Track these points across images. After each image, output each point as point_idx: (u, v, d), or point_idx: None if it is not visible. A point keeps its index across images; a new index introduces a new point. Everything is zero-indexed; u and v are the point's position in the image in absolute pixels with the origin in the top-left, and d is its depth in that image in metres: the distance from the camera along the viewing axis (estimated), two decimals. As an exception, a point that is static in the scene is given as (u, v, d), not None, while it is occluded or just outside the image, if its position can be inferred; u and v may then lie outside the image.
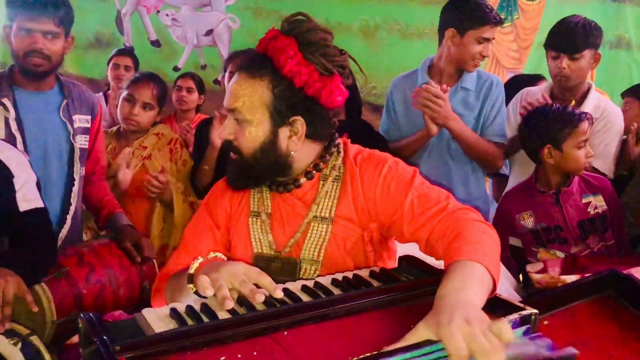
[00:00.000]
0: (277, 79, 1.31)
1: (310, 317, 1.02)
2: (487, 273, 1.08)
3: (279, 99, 1.31)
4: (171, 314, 1.06)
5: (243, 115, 1.32)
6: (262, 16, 4.75)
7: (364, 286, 1.18)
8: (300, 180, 1.39)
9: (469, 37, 2.31)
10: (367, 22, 4.65)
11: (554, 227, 2.20)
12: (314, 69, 1.31)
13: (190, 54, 4.96)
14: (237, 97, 1.33)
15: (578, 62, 2.40)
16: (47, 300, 1.72)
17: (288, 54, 1.29)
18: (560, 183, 2.23)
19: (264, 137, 1.33)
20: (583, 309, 1.29)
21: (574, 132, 2.15)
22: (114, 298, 1.91)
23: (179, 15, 4.88)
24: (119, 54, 3.89)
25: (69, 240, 2.14)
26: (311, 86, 1.31)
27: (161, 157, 2.60)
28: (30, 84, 2.06)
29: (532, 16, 4.81)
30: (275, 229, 1.41)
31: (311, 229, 1.37)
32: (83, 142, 2.18)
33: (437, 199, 1.31)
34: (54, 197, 2.11)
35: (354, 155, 1.42)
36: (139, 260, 2.03)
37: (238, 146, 1.36)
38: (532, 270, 1.83)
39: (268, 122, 1.33)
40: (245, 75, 1.34)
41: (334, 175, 1.40)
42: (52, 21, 1.96)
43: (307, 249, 1.37)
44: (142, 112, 2.51)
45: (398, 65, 4.42)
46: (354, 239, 1.37)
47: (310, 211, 1.38)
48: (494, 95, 2.40)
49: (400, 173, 1.36)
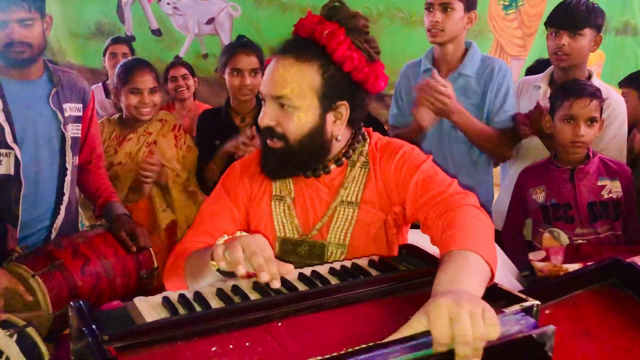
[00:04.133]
0: (327, 64, 1.31)
1: (305, 307, 1.01)
2: (482, 261, 1.06)
3: (329, 83, 1.31)
4: (163, 302, 1.05)
5: (292, 101, 1.30)
6: (264, 4, 4.73)
7: (362, 275, 1.16)
8: (330, 166, 1.41)
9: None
10: (370, 9, 4.61)
11: (563, 204, 2.17)
12: (362, 54, 1.32)
13: (191, 42, 4.93)
14: (284, 83, 1.30)
15: (578, 41, 2.33)
16: (42, 293, 1.71)
17: (339, 39, 1.29)
18: (578, 161, 2.18)
19: (313, 123, 1.32)
20: (586, 297, 1.28)
21: (563, 105, 2.13)
22: (110, 289, 1.90)
23: (180, 4, 4.87)
24: (114, 42, 3.83)
25: (64, 231, 2.11)
26: (360, 71, 1.32)
27: (166, 143, 2.59)
28: (17, 73, 2.02)
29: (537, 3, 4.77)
30: (298, 213, 1.42)
31: (337, 213, 1.39)
32: (75, 131, 2.15)
33: (440, 182, 1.32)
34: (46, 187, 2.08)
35: (375, 142, 1.44)
36: (135, 250, 2.01)
37: (283, 132, 1.33)
38: (535, 259, 1.81)
39: (317, 108, 1.32)
40: (292, 60, 1.31)
41: (362, 161, 1.41)
42: (22, 8, 1.91)
43: (333, 232, 1.39)
44: (151, 97, 2.52)
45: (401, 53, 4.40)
46: (377, 224, 1.39)
47: (338, 195, 1.40)
48: (496, 80, 2.35)
49: (413, 157, 1.38)
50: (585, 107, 2.11)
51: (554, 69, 2.49)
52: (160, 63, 4.41)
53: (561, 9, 2.40)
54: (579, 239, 2.11)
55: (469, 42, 2.45)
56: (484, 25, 4.78)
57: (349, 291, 1.06)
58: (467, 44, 2.44)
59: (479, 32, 4.66)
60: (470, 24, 2.39)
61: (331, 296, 1.04)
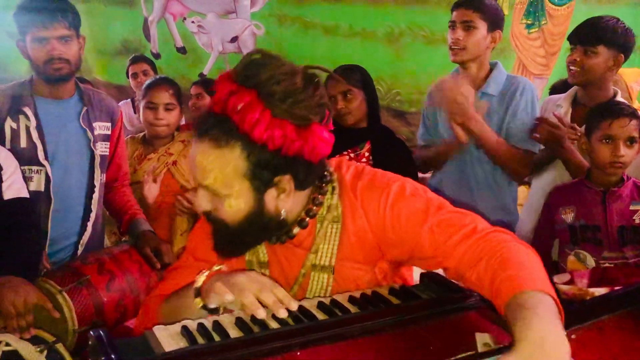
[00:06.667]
0: (249, 144, 1.10)
1: (325, 336, 0.98)
2: (553, 303, 0.97)
3: (257, 166, 1.12)
4: (182, 331, 1.04)
5: (218, 190, 1.14)
6: (287, 23, 4.78)
7: (382, 304, 1.14)
8: (293, 230, 1.25)
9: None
10: (392, 28, 4.62)
11: (592, 226, 2.11)
12: (289, 123, 1.10)
13: (215, 60, 5.00)
14: (205, 172, 1.13)
15: (591, 58, 2.29)
16: (68, 309, 1.73)
17: (254, 116, 1.07)
18: (612, 183, 2.13)
19: (249, 207, 1.16)
20: (612, 323, 1.25)
21: (601, 125, 2.09)
22: (134, 305, 1.90)
23: (204, 22, 4.93)
24: (133, 62, 3.90)
25: (90, 247, 2.15)
26: (290, 147, 1.11)
27: (186, 164, 2.61)
28: (51, 92, 2.08)
29: (560, 22, 4.74)
30: (275, 277, 1.26)
31: (311, 279, 1.25)
32: (103, 149, 2.20)
33: (460, 223, 1.17)
34: (74, 204, 2.13)
35: (352, 184, 1.27)
36: (159, 266, 2.03)
37: (220, 218, 1.18)
38: (559, 281, 1.78)
39: (250, 191, 1.15)
40: (209, 145, 1.12)
41: (332, 216, 1.25)
42: (63, 25, 1.98)
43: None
44: (166, 114, 2.55)
45: (423, 71, 4.41)
46: (367, 278, 1.26)
47: (307, 260, 1.25)
48: (519, 100, 2.34)
49: (409, 199, 1.22)
50: (624, 127, 2.06)
51: (577, 88, 2.47)
52: (184, 80, 4.50)
53: (581, 25, 2.39)
54: (606, 262, 2.06)
55: (494, 62, 2.45)
56: (507, 43, 4.76)
57: (371, 320, 1.03)
58: (492, 64, 2.44)
59: (501, 51, 4.64)
60: (495, 43, 2.38)
61: (352, 325, 1.02)
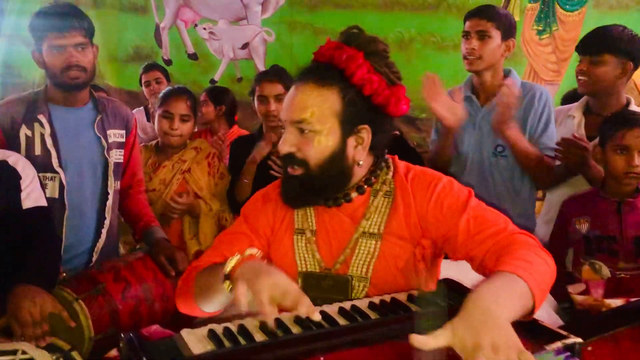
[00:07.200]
0: (346, 87, 1.30)
1: (348, 341, 1.01)
2: (529, 292, 1.05)
3: (349, 107, 1.30)
4: (209, 335, 1.07)
5: (312, 125, 1.30)
6: (297, 30, 4.78)
7: (401, 310, 1.16)
8: (351, 194, 1.38)
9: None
10: (402, 34, 4.62)
11: (607, 237, 2.10)
12: (381, 77, 1.32)
13: (226, 66, 5.02)
14: (304, 107, 1.30)
15: (598, 67, 2.28)
16: (84, 317, 1.74)
17: (357, 62, 1.29)
18: (627, 194, 2.11)
19: (334, 147, 1.31)
20: (628, 334, 1.25)
21: (614, 135, 2.08)
22: (149, 312, 1.92)
23: (216, 29, 4.96)
24: (146, 71, 3.93)
25: (104, 255, 2.16)
26: (380, 94, 1.31)
27: (199, 170, 2.64)
28: (66, 100, 2.10)
29: (572, 27, 4.71)
30: (321, 246, 1.39)
31: (359, 245, 1.35)
32: (118, 157, 2.22)
33: (494, 221, 1.28)
34: (88, 211, 2.14)
35: (404, 172, 1.41)
36: (174, 274, 2.04)
37: (303, 158, 1.32)
38: (574, 292, 1.77)
39: (338, 131, 1.31)
40: (312, 85, 1.31)
41: (385, 190, 1.38)
42: (79, 33, 2.00)
43: (355, 265, 1.35)
44: (181, 125, 2.59)
45: (433, 77, 4.39)
46: (405, 257, 1.34)
47: (359, 226, 1.36)
48: (537, 107, 2.33)
49: (455, 192, 1.35)
50: (638, 137, 2.05)
51: (589, 97, 2.46)
52: (196, 86, 4.52)
53: (586, 35, 2.39)
54: (621, 273, 2.04)
55: (507, 70, 2.44)
56: (518, 49, 4.74)
57: (392, 326, 1.06)
58: (506, 71, 2.44)
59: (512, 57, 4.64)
60: (508, 51, 2.38)
61: (373, 331, 1.04)
